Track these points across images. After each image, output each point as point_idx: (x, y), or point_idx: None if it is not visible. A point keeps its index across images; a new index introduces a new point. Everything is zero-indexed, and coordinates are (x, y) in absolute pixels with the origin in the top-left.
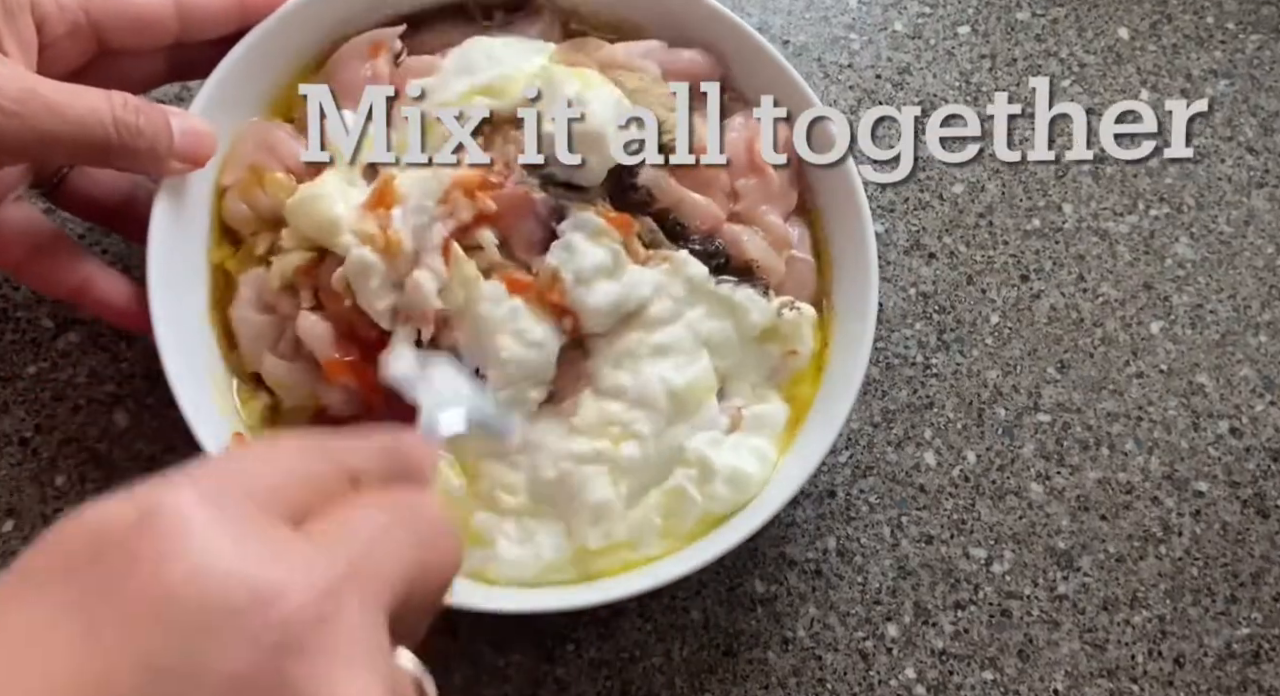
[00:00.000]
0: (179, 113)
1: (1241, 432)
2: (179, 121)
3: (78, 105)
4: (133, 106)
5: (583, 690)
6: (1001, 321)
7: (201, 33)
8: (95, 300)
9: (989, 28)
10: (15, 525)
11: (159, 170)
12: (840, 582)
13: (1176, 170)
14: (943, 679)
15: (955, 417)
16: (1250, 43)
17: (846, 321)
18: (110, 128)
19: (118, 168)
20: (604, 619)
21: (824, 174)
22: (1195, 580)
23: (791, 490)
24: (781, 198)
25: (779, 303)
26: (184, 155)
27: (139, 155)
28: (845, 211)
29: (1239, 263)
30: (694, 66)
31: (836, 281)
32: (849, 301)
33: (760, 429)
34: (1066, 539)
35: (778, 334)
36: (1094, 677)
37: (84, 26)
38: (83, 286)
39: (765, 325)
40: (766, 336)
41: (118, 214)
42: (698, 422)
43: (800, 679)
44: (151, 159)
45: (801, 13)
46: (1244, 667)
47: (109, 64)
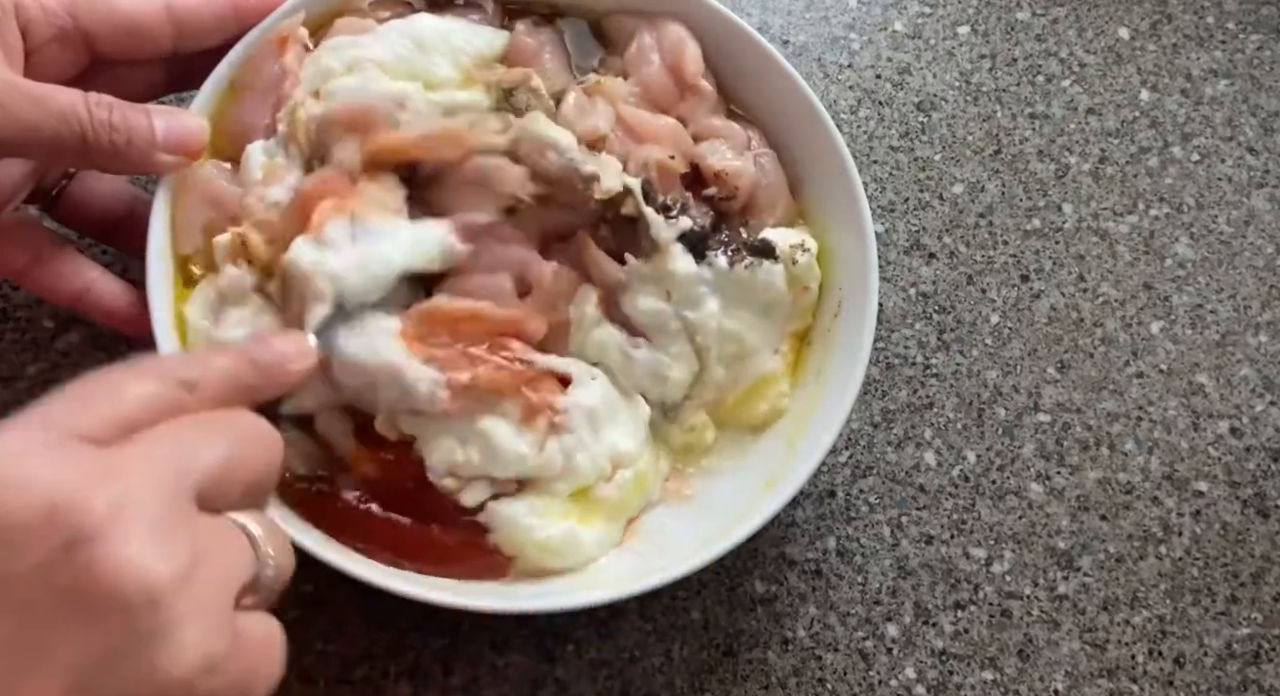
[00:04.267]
0: (163, 110)
1: (1241, 432)
2: (162, 118)
3: (53, 100)
4: (106, 103)
5: (583, 690)
6: (1001, 321)
7: (197, 40)
8: (96, 306)
9: (989, 28)
10: None
11: (147, 166)
12: (840, 582)
13: (1176, 170)
14: (943, 679)
15: (955, 417)
16: (1250, 43)
17: (848, 320)
18: (86, 124)
19: (102, 167)
20: (604, 619)
21: (823, 176)
22: (1195, 580)
23: (792, 490)
24: (720, 104)
25: (789, 249)
26: (172, 148)
27: (119, 151)
28: (846, 212)
29: (1239, 263)
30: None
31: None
32: (850, 302)
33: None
34: (1066, 539)
35: (794, 281)
36: (1094, 677)
37: (72, 32)
38: (84, 293)
39: (786, 286)
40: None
41: (117, 228)
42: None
43: (800, 679)
44: (134, 155)
45: (801, 13)
46: (1244, 667)
47: (105, 75)
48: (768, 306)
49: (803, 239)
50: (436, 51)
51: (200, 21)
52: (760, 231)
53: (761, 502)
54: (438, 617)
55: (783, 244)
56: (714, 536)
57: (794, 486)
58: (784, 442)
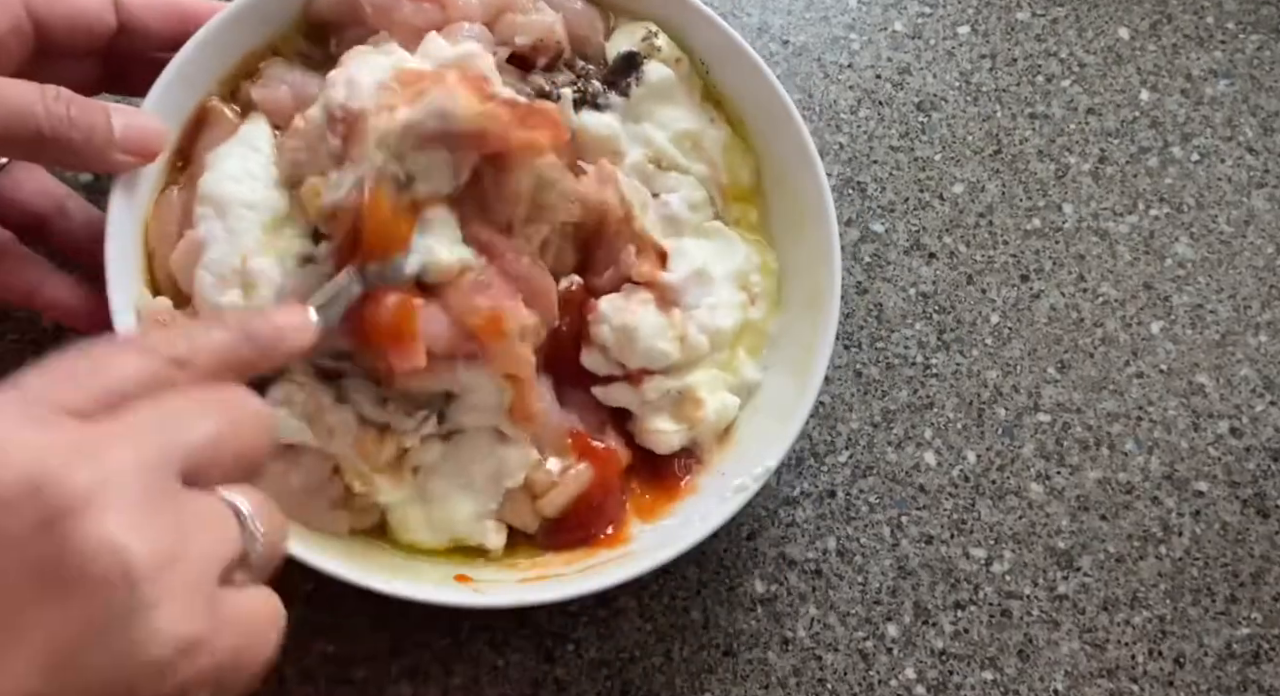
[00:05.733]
0: (122, 109)
1: (1241, 432)
2: (121, 116)
3: (9, 93)
4: (64, 98)
5: (583, 690)
6: (1001, 321)
7: (140, 37)
8: (47, 303)
9: (989, 28)
10: None
11: (103, 164)
12: (840, 582)
13: (1176, 170)
14: (943, 679)
15: (955, 417)
16: (1250, 43)
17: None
18: (41, 118)
19: (58, 163)
20: (604, 619)
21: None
22: (1195, 580)
23: (777, 460)
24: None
25: (643, 45)
26: (130, 148)
27: (75, 147)
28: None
29: (1239, 263)
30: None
31: (790, 247)
32: (800, 270)
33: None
34: (1066, 539)
35: (669, 59)
36: (1094, 677)
37: (24, 22)
38: (34, 290)
39: (670, 69)
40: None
41: (44, 226)
42: None
43: (800, 679)
44: (90, 152)
45: (801, 13)
46: (1244, 667)
47: (45, 66)
48: (679, 93)
49: (644, 29)
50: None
51: (144, 16)
52: (609, 53)
53: (753, 477)
54: (439, 617)
55: (633, 47)
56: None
57: (780, 453)
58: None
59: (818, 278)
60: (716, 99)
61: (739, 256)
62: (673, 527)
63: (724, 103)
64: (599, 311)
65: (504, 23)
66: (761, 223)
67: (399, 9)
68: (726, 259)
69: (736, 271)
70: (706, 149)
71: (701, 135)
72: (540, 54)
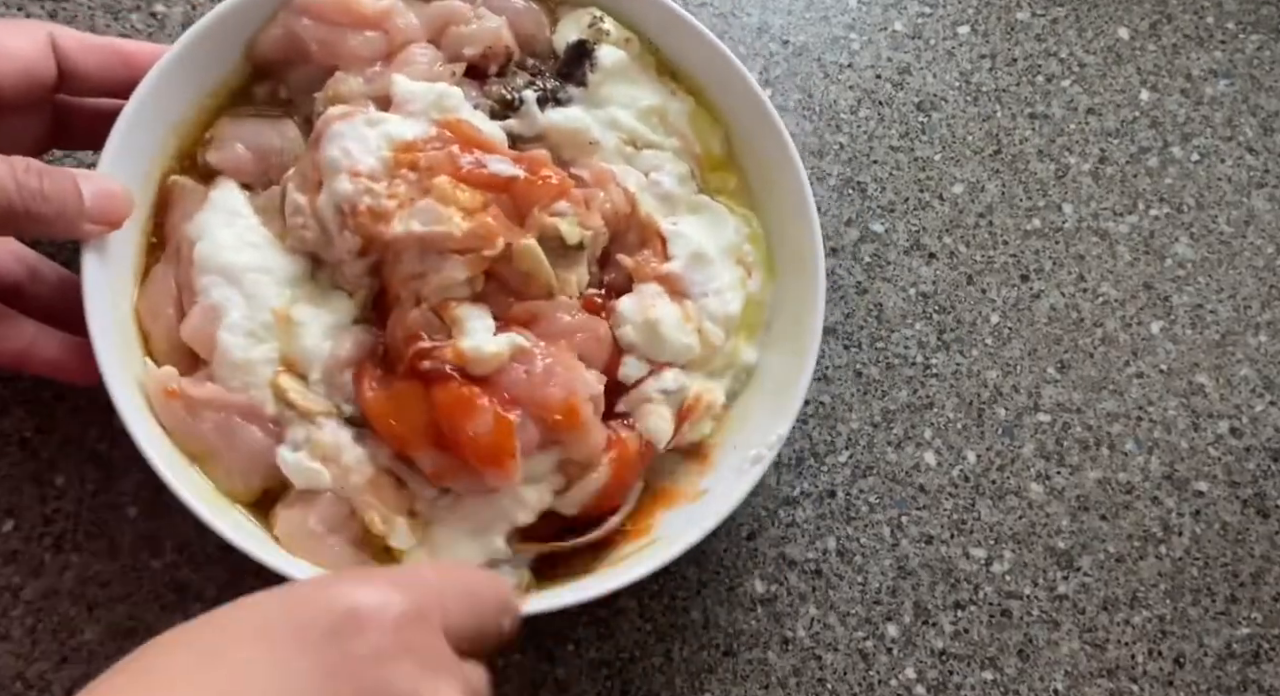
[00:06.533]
0: (88, 175)
1: (1241, 432)
2: (89, 184)
3: None
4: (35, 170)
5: (583, 690)
6: (1001, 321)
7: (83, 76)
8: (41, 362)
9: (989, 28)
10: (15, 525)
11: (74, 234)
12: (840, 582)
13: (1176, 170)
14: (943, 679)
15: (955, 417)
16: (1250, 43)
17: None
18: (13, 193)
19: (30, 235)
20: (604, 619)
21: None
22: (1195, 580)
23: (787, 427)
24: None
25: (590, 32)
26: (99, 217)
27: (48, 220)
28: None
29: (1239, 263)
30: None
31: (778, 237)
32: (790, 251)
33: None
34: (1066, 539)
35: (620, 40)
36: (1094, 677)
37: None
38: (27, 350)
39: (621, 49)
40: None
41: (16, 293)
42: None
43: (800, 679)
44: (62, 223)
45: (801, 13)
46: (1244, 667)
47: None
48: (634, 71)
49: (589, 15)
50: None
51: (85, 61)
52: (558, 46)
53: (753, 462)
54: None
55: (581, 34)
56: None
57: (780, 432)
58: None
59: (800, 240)
60: (673, 71)
61: (729, 229)
62: (694, 509)
63: (680, 75)
64: (619, 313)
65: (450, 37)
66: (741, 188)
67: (344, 42)
68: (718, 234)
69: (729, 246)
70: (673, 122)
71: (666, 109)
72: (490, 61)
